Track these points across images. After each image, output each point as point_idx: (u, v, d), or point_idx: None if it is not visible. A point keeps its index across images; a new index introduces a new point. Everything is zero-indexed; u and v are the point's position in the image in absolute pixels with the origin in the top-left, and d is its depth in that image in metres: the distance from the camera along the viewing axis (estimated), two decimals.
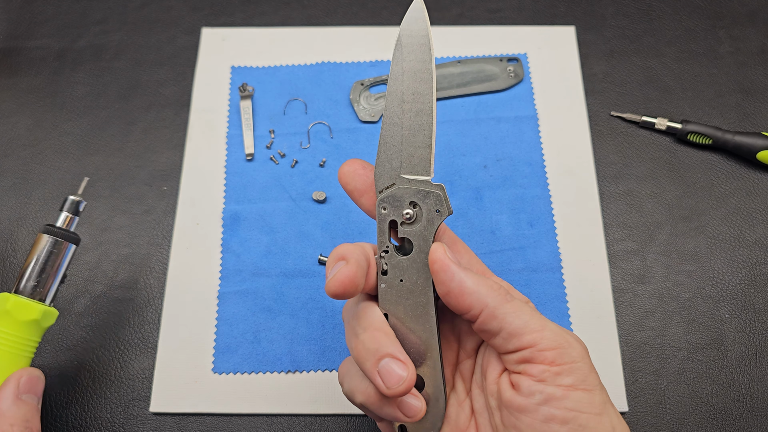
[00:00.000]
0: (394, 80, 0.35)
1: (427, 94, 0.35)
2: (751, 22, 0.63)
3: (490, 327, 0.33)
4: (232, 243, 0.53)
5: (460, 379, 0.37)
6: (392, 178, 0.35)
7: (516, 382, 0.33)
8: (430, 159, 0.35)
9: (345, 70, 0.61)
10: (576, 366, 0.32)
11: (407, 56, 0.35)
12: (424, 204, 0.35)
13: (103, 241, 0.54)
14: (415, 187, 0.35)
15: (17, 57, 0.62)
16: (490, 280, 0.34)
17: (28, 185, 0.56)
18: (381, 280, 0.35)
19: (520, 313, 0.33)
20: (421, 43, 0.35)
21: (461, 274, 0.33)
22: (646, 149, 0.57)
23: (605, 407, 0.32)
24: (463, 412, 0.36)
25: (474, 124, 0.58)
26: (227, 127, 0.58)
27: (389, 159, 0.35)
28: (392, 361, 0.33)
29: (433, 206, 0.35)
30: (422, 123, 0.35)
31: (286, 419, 0.48)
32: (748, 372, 0.49)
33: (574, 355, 0.32)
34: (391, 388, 0.32)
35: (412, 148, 0.35)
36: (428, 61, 0.35)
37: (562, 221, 0.54)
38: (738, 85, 0.60)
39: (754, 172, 0.56)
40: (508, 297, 0.33)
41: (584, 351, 0.33)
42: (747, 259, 0.53)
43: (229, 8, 0.64)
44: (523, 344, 0.32)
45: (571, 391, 0.31)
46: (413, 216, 0.35)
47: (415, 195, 0.35)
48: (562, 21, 0.63)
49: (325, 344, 0.50)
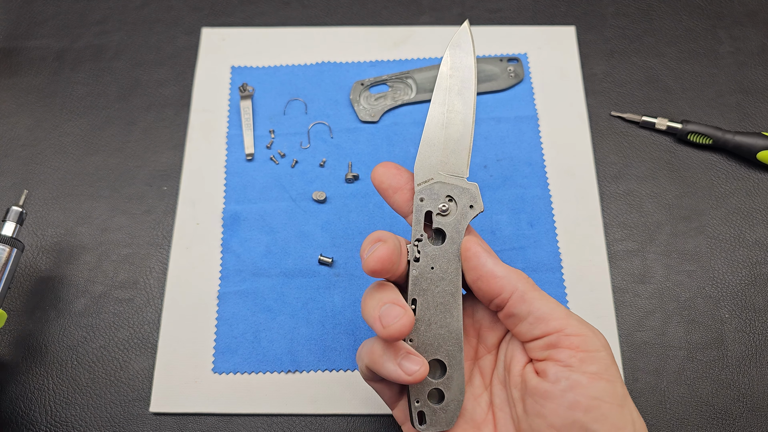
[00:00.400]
0: (441, 88, 0.39)
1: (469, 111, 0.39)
2: (751, 22, 0.63)
3: (518, 311, 0.35)
4: (232, 243, 0.53)
5: (478, 374, 0.38)
6: (431, 174, 0.38)
7: (542, 369, 0.34)
8: (467, 161, 0.38)
9: (345, 70, 0.61)
10: (599, 355, 0.33)
11: (455, 73, 0.40)
12: (460, 199, 0.38)
13: (103, 241, 0.54)
14: (452, 182, 0.38)
15: (17, 57, 0.62)
16: (518, 269, 0.36)
17: (28, 185, 0.56)
18: (413, 267, 0.38)
19: (547, 300, 0.35)
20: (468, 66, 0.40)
21: (492, 261, 0.36)
22: (647, 149, 0.57)
23: (626, 400, 0.32)
24: (479, 406, 0.37)
25: (474, 124, 0.58)
26: (227, 127, 0.58)
27: (429, 156, 0.39)
28: (392, 306, 0.35)
29: (468, 202, 0.37)
30: (463, 131, 0.39)
31: (286, 419, 0.48)
32: (748, 372, 0.49)
33: (597, 345, 0.33)
34: (386, 327, 0.34)
35: (451, 151, 0.38)
36: (471, 80, 0.39)
37: (563, 221, 0.54)
38: (738, 85, 0.60)
39: (754, 172, 0.56)
40: (535, 285, 0.35)
41: (606, 343, 0.34)
42: (747, 259, 0.53)
43: (229, 8, 0.64)
44: (550, 329, 0.34)
45: (596, 380, 0.32)
46: (448, 209, 0.37)
47: (451, 190, 0.38)
48: (563, 21, 0.63)
49: (326, 344, 0.50)
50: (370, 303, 0.36)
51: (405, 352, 0.36)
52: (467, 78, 0.39)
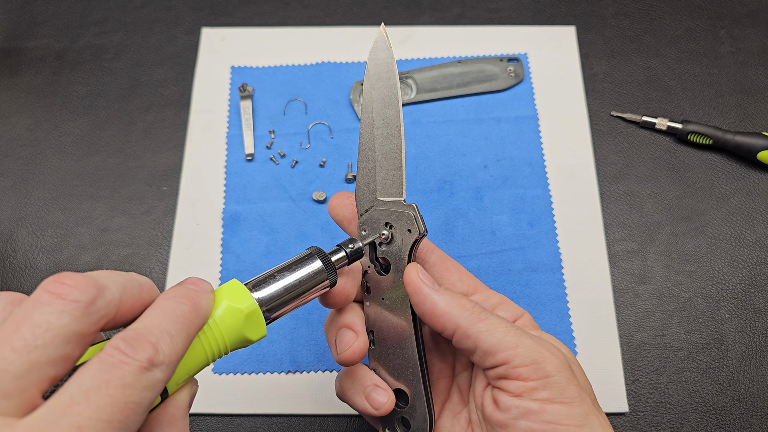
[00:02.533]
0: (366, 108, 0.37)
1: (395, 119, 0.36)
2: (751, 22, 0.63)
3: (464, 346, 0.34)
4: (232, 243, 0.53)
5: (456, 391, 0.38)
6: (370, 201, 0.37)
7: (495, 398, 0.33)
8: (401, 180, 0.36)
9: (345, 70, 0.61)
10: (552, 380, 0.32)
11: (375, 84, 0.37)
12: (397, 224, 0.35)
13: (103, 242, 0.54)
14: (389, 208, 0.36)
15: (17, 57, 0.62)
16: (464, 300, 0.34)
17: (27, 185, 0.56)
18: (366, 298, 0.37)
19: (494, 330, 0.33)
20: (387, 71, 0.37)
21: (433, 296, 0.34)
22: (647, 149, 0.57)
23: (587, 419, 0.31)
24: (458, 423, 0.37)
25: (474, 124, 0.58)
26: (227, 127, 0.58)
27: (366, 183, 0.37)
28: (346, 331, 0.36)
29: (405, 226, 0.35)
30: (392, 147, 0.36)
31: (286, 419, 0.48)
32: (748, 372, 0.49)
33: (550, 369, 0.32)
34: (339, 353, 0.35)
35: (385, 171, 0.36)
36: (394, 86, 0.36)
37: (563, 221, 0.54)
38: (738, 85, 0.60)
39: (754, 172, 0.56)
40: (482, 315, 0.33)
41: (562, 363, 0.33)
42: (747, 260, 0.53)
43: (229, 8, 0.64)
44: (497, 361, 0.33)
45: (548, 405, 0.31)
46: (389, 236, 0.36)
47: (389, 216, 0.36)
48: (563, 21, 0.63)
49: (325, 345, 0.50)
50: (328, 326, 0.37)
51: (372, 384, 0.36)
52: (390, 84, 0.36)
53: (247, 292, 0.31)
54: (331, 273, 0.34)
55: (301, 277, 0.33)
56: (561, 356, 0.33)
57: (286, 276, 0.33)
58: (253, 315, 0.31)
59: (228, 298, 0.30)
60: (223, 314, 0.30)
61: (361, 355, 0.35)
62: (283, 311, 0.33)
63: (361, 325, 0.36)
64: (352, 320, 0.36)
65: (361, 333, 0.36)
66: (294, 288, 0.33)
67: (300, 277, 0.33)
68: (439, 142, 0.57)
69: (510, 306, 0.38)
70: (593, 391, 0.35)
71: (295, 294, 0.33)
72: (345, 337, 0.36)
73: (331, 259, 0.34)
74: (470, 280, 0.39)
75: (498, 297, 0.38)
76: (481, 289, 0.38)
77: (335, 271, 0.35)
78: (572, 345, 0.49)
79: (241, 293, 0.31)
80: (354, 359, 0.35)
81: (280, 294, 0.32)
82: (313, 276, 0.33)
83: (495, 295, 0.38)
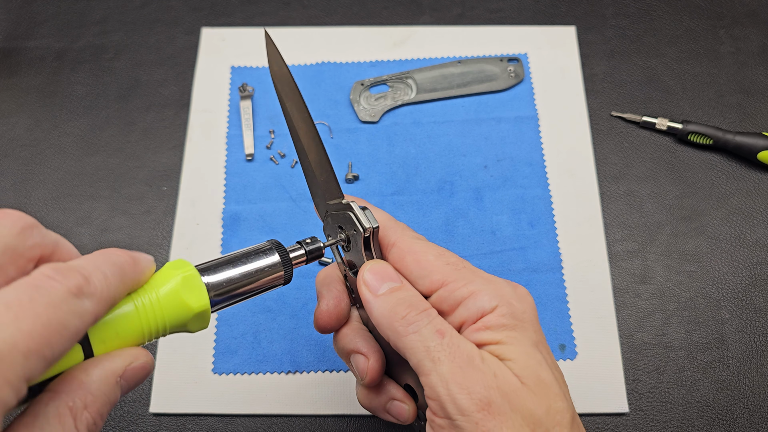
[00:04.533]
0: (287, 120, 0.37)
1: (309, 123, 0.36)
2: (751, 22, 0.63)
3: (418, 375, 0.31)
4: (232, 243, 0.53)
5: None
6: (324, 207, 0.36)
7: None
8: (335, 181, 0.35)
9: (345, 70, 0.61)
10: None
11: (283, 95, 0.37)
12: (347, 226, 0.34)
13: (103, 242, 0.54)
14: (336, 211, 0.35)
15: (17, 57, 0.62)
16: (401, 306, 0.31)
17: (27, 185, 0.56)
18: (354, 300, 0.37)
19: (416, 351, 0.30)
20: (286, 79, 0.36)
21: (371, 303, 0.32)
22: (647, 149, 0.57)
23: None
24: None
25: (474, 125, 0.58)
26: (227, 128, 0.58)
27: (315, 190, 0.37)
28: (356, 356, 0.35)
29: (351, 227, 0.34)
30: (318, 149, 0.36)
31: (286, 420, 0.48)
32: (748, 372, 0.49)
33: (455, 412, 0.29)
34: (361, 380, 0.35)
35: (322, 176, 0.36)
36: (295, 90, 0.36)
37: (563, 221, 0.54)
38: (739, 85, 0.60)
39: (754, 172, 0.56)
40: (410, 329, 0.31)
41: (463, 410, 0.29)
42: (748, 260, 0.53)
43: (229, 8, 0.64)
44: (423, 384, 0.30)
45: None
46: (346, 238, 0.35)
47: (340, 219, 0.35)
48: (563, 21, 0.63)
49: (326, 345, 0.49)
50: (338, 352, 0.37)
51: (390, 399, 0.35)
52: (292, 88, 0.36)
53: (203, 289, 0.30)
54: (287, 268, 0.33)
55: (255, 268, 0.32)
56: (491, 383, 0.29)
57: (239, 265, 0.32)
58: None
59: (181, 289, 0.29)
60: (170, 301, 0.29)
61: (379, 374, 0.35)
62: (231, 299, 0.32)
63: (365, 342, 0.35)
64: (355, 343, 0.35)
65: (369, 353, 0.35)
66: (246, 278, 0.32)
67: (254, 267, 0.32)
68: (439, 142, 0.57)
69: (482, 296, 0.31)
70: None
71: (246, 284, 0.32)
72: (358, 364, 0.35)
73: (290, 255, 0.34)
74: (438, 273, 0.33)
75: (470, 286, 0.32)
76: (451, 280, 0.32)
77: (291, 268, 0.34)
78: (572, 345, 0.49)
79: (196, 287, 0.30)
80: (374, 380, 0.35)
81: (229, 280, 0.31)
82: (268, 270, 0.32)
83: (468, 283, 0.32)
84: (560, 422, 0.29)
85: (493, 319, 0.31)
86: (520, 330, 0.31)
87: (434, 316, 0.31)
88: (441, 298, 0.32)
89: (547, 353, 0.31)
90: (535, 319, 0.32)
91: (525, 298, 0.32)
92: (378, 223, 0.33)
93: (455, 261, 0.33)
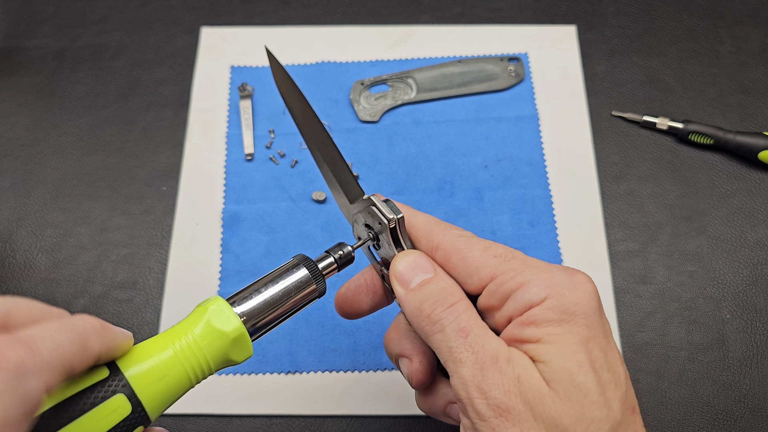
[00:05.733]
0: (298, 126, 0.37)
1: (318, 126, 0.36)
2: (752, 22, 0.63)
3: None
4: (231, 243, 0.53)
5: None
6: (350, 211, 0.36)
7: None
8: (354, 182, 0.35)
9: (345, 70, 0.60)
10: None
11: (288, 101, 0.37)
12: (373, 223, 0.34)
13: (103, 242, 0.54)
14: (360, 209, 0.34)
15: (16, 56, 0.62)
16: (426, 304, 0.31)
17: (27, 185, 0.56)
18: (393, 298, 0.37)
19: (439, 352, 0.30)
20: (290, 86, 0.36)
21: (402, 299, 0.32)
22: (648, 149, 0.57)
23: None
24: None
25: (474, 124, 0.58)
26: (227, 127, 0.58)
27: (338, 197, 0.36)
28: (402, 360, 0.34)
29: (376, 221, 0.33)
30: (331, 152, 0.36)
31: (285, 420, 0.48)
32: (749, 372, 0.48)
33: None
34: (410, 383, 0.34)
35: (341, 178, 0.35)
36: (300, 96, 0.36)
37: (563, 221, 0.54)
38: (739, 84, 0.60)
39: (755, 172, 0.56)
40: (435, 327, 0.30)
41: None
42: (748, 260, 0.52)
43: (229, 8, 0.64)
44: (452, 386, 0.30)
45: None
46: (374, 236, 0.34)
47: (365, 218, 0.34)
48: (563, 20, 0.63)
49: (325, 345, 0.49)
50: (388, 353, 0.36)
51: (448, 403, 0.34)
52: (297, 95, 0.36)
53: (233, 313, 0.30)
54: (319, 281, 0.33)
55: (287, 287, 0.32)
56: None
57: (271, 287, 0.32)
58: (240, 339, 0.30)
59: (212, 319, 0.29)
60: (206, 335, 0.29)
61: (426, 376, 0.33)
62: (270, 325, 0.31)
63: (411, 344, 0.34)
64: (401, 346, 0.34)
65: (413, 354, 0.33)
66: (279, 300, 0.32)
67: (286, 287, 0.32)
68: (439, 141, 0.57)
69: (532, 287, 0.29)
70: None
71: (281, 306, 0.32)
72: (404, 367, 0.34)
73: (318, 267, 0.33)
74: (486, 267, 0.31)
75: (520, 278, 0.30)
76: (500, 273, 0.30)
77: (323, 280, 0.33)
78: None
79: (226, 314, 0.30)
80: (422, 383, 0.34)
81: (264, 307, 0.31)
82: (300, 286, 0.32)
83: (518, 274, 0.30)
84: None
85: (539, 312, 0.28)
86: (567, 325, 0.28)
87: (460, 311, 0.30)
88: (490, 293, 0.30)
89: (600, 351, 0.28)
90: (590, 311, 0.29)
91: (581, 286, 0.29)
92: (402, 213, 0.32)
93: (503, 252, 0.31)
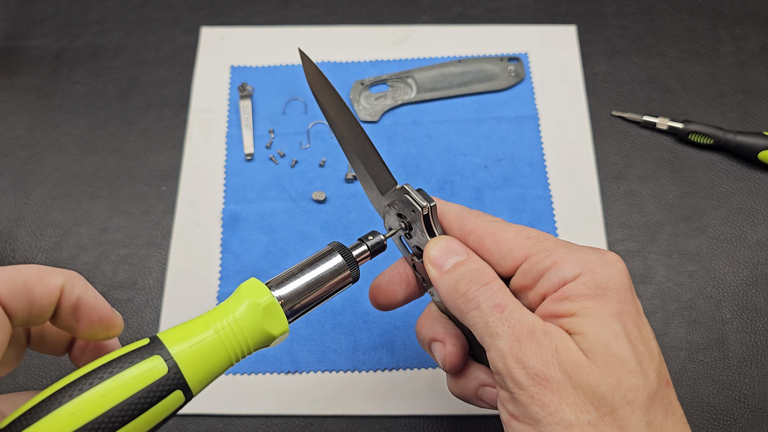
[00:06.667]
0: (329, 123, 0.38)
1: (351, 120, 0.37)
2: (752, 22, 0.63)
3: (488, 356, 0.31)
4: (231, 243, 0.53)
5: None
6: (381, 202, 0.37)
7: None
8: (388, 172, 0.36)
9: (345, 70, 0.60)
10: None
11: (322, 99, 0.38)
12: (405, 212, 0.35)
13: (102, 242, 0.54)
14: (392, 200, 0.36)
15: (16, 56, 0.62)
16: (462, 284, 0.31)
17: (26, 185, 0.56)
18: (428, 290, 0.37)
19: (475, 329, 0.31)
20: (323, 83, 0.38)
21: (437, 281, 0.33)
22: (648, 149, 0.57)
23: None
24: None
25: (474, 124, 0.58)
26: (227, 127, 0.58)
27: (370, 190, 0.37)
28: (435, 344, 0.35)
29: (409, 210, 0.35)
30: (364, 144, 0.37)
31: (285, 420, 0.48)
32: (749, 372, 0.48)
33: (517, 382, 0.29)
34: (443, 367, 0.35)
35: (373, 170, 0.37)
36: (334, 92, 0.38)
37: (563, 221, 0.54)
38: (739, 84, 0.60)
39: (755, 172, 0.56)
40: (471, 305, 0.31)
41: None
42: (748, 260, 0.52)
43: (229, 7, 0.64)
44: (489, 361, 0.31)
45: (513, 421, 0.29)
46: (406, 226, 0.35)
47: (397, 208, 0.35)
48: (563, 20, 0.63)
49: (325, 345, 0.49)
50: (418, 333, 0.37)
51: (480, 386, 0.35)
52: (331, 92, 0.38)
53: (265, 288, 0.31)
54: (353, 267, 0.34)
55: (322, 273, 0.33)
56: None
57: (307, 273, 0.33)
58: (270, 308, 0.31)
59: (247, 295, 0.31)
60: (243, 310, 0.30)
61: (459, 358, 0.34)
62: (306, 308, 0.33)
63: (443, 328, 0.35)
64: (433, 331, 0.35)
65: (446, 338, 0.34)
66: (315, 285, 0.33)
67: (321, 273, 0.33)
68: (439, 141, 0.57)
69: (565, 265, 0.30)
70: None
71: (317, 290, 0.33)
72: (437, 351, 0.35)
73: (352, 254, 0.35)
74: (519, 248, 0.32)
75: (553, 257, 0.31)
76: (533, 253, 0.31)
77: (357, 266, 0.35)
78: None
79: (259, 289, 0.31)
80: (455, 366, 0.34)
81: (300, 291, 0.33)
82: (335, 272, 0.34)
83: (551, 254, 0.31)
84: (632, 401, 0.27)
85: (574, 288, 0.30)
86: (601, 299, 0.29)
87: (495, 289, 0.31)
88: (524, 272, 0.31)
89: (633, 325, 0.29)
90: (622, 287, 0.30)
91: (613, 264, 0.30)
92: (434, 201, 0.34)
93: (536, 235, 0.32)
